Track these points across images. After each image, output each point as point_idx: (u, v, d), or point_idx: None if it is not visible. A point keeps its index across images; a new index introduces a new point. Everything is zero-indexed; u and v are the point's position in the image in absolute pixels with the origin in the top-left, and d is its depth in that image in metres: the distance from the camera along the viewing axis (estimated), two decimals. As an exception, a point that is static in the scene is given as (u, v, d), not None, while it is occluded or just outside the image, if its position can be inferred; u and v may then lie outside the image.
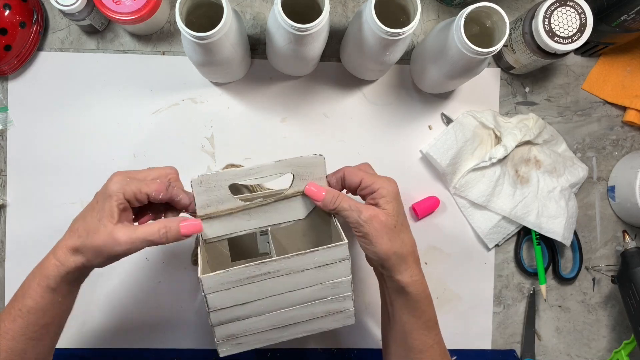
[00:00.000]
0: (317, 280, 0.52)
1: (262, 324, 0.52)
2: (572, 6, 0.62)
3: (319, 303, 0.53)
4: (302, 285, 0.52)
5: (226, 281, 0.50)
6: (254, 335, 0.53)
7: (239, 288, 0.50)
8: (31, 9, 0.66)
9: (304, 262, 0.51)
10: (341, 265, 0.52)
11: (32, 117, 0.69)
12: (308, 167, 0.55)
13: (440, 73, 0.63)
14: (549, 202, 0.71)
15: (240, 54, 0.62)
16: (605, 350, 0.76)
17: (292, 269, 0.51)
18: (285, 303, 0.52)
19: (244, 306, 0.51)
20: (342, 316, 0.54)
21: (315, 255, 0.51)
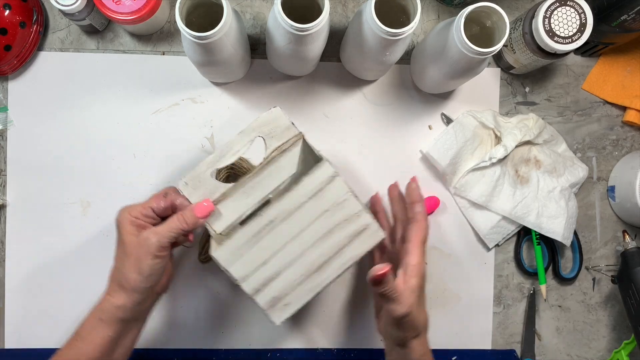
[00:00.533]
0: (320, 208, 0.50)
1: (296, 274, 0.51)
2: (572, 6, 0.62)
3: (337, 230, 0.51)
4: (309, 220, 0.50)
5: (236, 247, 0.50)
6: (295, 291, 0.52)
7: (252, 249, 0.50)
8: (31, 9, 0.66)
9: (296, 199, 0.50)
10: (333, 184, 0.50)
11: (32, 117, 0.69)
12: (271, 123, 0.54)
13: (440, 73, 0.63)
14: (549, 202, 0.71)
15: (240, 54, 0.62)
16: (605, 350, 0.76)
17: (289, 210, 0.50)
18: (304, 244, 0.51)
19: (268, 264, 0.51)
20: (368, 234, 0.52)
21: (302, 186, 0.50)
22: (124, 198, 0.70)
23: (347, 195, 0.51)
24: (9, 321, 0.69)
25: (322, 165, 0.50)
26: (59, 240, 0.69)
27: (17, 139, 0.69)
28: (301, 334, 0.72)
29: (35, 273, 0.69)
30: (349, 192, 0.51)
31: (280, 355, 0.72)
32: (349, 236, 0.52)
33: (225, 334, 0.71)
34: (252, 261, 0.50)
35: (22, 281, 0.69)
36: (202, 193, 0.54)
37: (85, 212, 0.70)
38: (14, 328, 0.69)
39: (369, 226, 0.52)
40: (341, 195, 0.51)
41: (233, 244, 0.50)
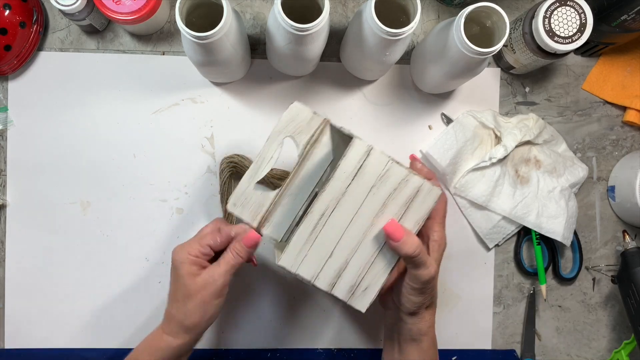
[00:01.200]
0: (366, 186, 0.49)
1: (364, 257, 0.51)
2: (572, 6, 0.62)
3: (390, 202, 0.50)
4: (359, 201, 0.50)
5: (298, 249, 0.49)
6: (370, 273, 0.51)
7: (314, 246, 0.50)
8: (31, 9, 0.66)
9: (339, 184, 0.49)
10: (371, 158, 0.49)
11: (32, 117, 0.69)
12: (294, 120, 0.54)
13: (440, 73, 0.63)
14: (549, 202, 0.71)
15: (240, 54, 0.62)
16: (605, 350, 0.76)
17: (336, 197, 0.49)
18: (363, 226, 0.50)
19: (334, 255, 0.50)
20: (423, 195, 0.51)
21: (341, 170, 0.49)
22: (124, 198, 0.70)
23: (389, 165, 0.49)
24: (9, 321, 0.69)
25: (354, 143, 0.48)
26: (59, 240, 0.69)
27: (17, 139, 0.69)
28: (301, 334, 0.72)
29: (35, 273, 0.69)
30: (389, 160, 0.49)
31: (280, 355, 0.72)
32: (405, 203, 0.50)
33: (225, 334, 0.71)
34: (318, 257, 0.50)
35: (22, 281, 0.69)
36: (252, 209, 0.54)
37: (85, 212, 0.70)
38: (14, 328, 0.69)
39: (422, 187, 0.50)
40: (382, 166, 0.49)
41: (294, 246, 0.49)
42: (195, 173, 0.70)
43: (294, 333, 0.72)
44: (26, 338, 0.69)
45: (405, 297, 0.53)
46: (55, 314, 0.70)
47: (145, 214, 0.70)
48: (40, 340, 0.70)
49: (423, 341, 0.55)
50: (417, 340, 0.56)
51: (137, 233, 0.70)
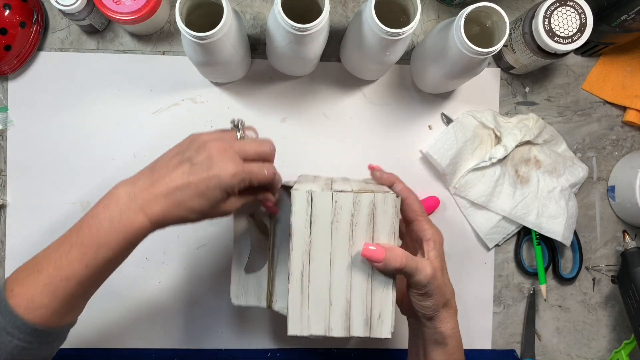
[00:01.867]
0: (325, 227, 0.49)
1: (361, 288, 0.50)
2: (572, 6, 0.62)
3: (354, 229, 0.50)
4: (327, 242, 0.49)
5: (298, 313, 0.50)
6: (375, 300, 0.50)
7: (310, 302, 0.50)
8: (31, 9, 0.66)
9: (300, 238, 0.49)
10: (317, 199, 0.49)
11: (32, 117, 0.69)
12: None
13: (440, 73, 0.63)
14: (549, 202, 0.71)
15: (240, 54, 0.62)
16: (605, 350, 0.76)
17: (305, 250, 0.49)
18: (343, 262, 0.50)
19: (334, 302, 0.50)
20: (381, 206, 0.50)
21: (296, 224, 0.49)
22: (124, 198, 0.70)
23: (335, 197, 0.49)
24: (9, 321, 0.69)
25: (294, 195, 0.49)
26: (59, 240, 0.69)
27: (17, 139, 0.69)
28: (301, 334, 0.72)
29: (35, 273, 0.69)
30: (333, 193, 0.49)
31: (280, 355, 0.72)
32: (368, 223, 0.50)
33: (225, 334, 0.71)
34: (320, 311, 0.50)
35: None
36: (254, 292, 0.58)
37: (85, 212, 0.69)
38: (14, 328, 0.69)
39: (375, 200, 0.50)
40: (329, 201, 0.49)
41: (293, 312, 0.49)
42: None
43: (294, 333, 0.72)
44: (26, 338, 0.69)
45: (415, 305, 0.52)
46: (55, 314, 0.70)
47: (145, 214, 0.70)
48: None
49: (448, 344, 0.54)
50: (442, 343, 0.54)
51: (137, 233, 0.70)
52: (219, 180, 0.47)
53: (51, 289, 0.48)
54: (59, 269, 0.48)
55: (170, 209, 0.48)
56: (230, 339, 0.71)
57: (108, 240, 0.48)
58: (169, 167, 0.50)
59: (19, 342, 0.48)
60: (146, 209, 0.48)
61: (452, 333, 0.54)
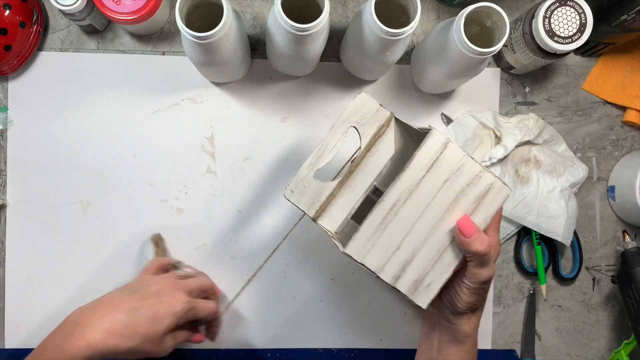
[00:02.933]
0: (439, 179, 0.48)
1: (431, 252, 0.50)
2: (572, 6, 0.62)
3: (461, 197, 0.49)
4: (431, 194, 0.49)
5: (366, 238, 0.48)
6: (434, 269, 0.50)
7: (382, 237, 0.49)
8: (31, 9, 0.66)
9: (413, 175, 0.48)
10: (447, 151, 0.48)
11: (32, 117, 0.69)
12: (360, 110, 0.53)
13: (440, 73, 0.63)
14: (549, 202, 0.71)
15: (240, 54, 0.62)
16: (605, 350, 0.76)
17: (409, 188, 0.48)
18: (432, 219, 0.49)
19: (401, 248, 0.49)
20: (493, 193, 0.49)
21: (416, 161, 0.48)
22: (124, 198, 0.70)
23: (465, 159, 0.48)
24: (9, 321, 0.69)
25: (432, 134, 0.48)
26: (59, 240, 0.69)
27: (17, 139, 0.69)
28: (301, 334, 0.72)
29: (35, 273, 0.69)
30: (465, 155, 0.48)
31: (280, 355, 0.72)
32: (475, 200, 0.49)
33: (225, 334, 0.71)
34: (385, 249, 0.49)
35: (22, 281, 0.69)
36: (310, 197, 0.53)
37: (85, 212, 0.70)
38: (14, 328, 0.69)
39: (493, 184, 0.49)
40: (458, 160, 0.48)
41: (362, 235, 0.49)
42: (195, 173, 0.70)
43: (294, 333, 0.72)
44: (26, 338, 0.69)
45: (458, 296, 0.52)
46: (55, 314, 0.70)
47: (145, 214, 0.70)
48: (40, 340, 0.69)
49: (466, 343, 0.54)
50: (461, 341, 0.54)
51: (137, 233, 0.70)
52: (171, 306, 0.52)
53: None
54: None
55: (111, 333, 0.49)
56: (231, 339, 0.71)
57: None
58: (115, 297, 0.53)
59: None
60: (87, 334, 0.49)
61: (472, 333, 0.54)
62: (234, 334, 0.72)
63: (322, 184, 0.54)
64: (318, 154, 0.53)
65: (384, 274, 0.50)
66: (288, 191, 0.53)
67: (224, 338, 0.71)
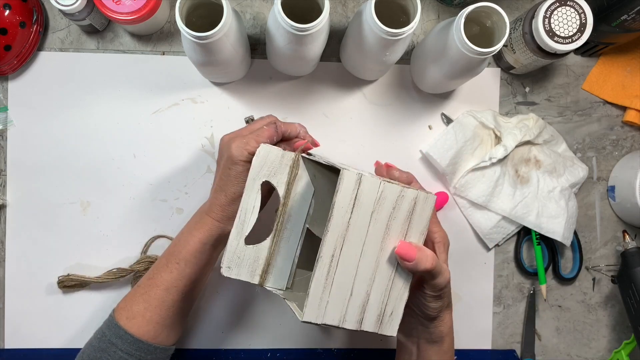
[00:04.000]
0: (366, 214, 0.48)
1: (382, 283, 0.49)
2: (572, 6, 0.62)
3: (392, 221, 0.48)
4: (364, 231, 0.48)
5: (318, 300, 0.48)
6: (391, 297, 0.50)
7: (332, 290, 0.48)
8: (31, 9, 0.66)
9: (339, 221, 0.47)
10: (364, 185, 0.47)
11: (32, 117, 0.69)
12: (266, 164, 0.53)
13: (440, 73, 0.63)
14: (549, 202, 0.71)
15: (240, 54, 0.62)
16: (605, 350, 0.76)
17: (341, 234, 0.47)
18: (373, 253, 0.48)
19: (354, 293, 0.48)
20: (421, 204, 0.49)
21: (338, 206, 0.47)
22: (124, 198, 0.70)
23: (382, 186, 0.48)
24: (9, 321, 0.69)
25: (343, 175, 0.47)
26: (59, 240, 0.69)
27: (17, 139, 0.69)
28: (301, 334, 0.72)
29: (35, 273, 0.69)
30: (381, 182, 0.48)
31: (280, 355, 0.72)
32: (406, 219, 0.49)
33: (225, 334, 0.71)
34: (339, 301, 0.48)
35: (22, 281, 0.69)
36: (249, 266, 0.53)
37: (85, 212, 0.70)
38: (14, 328, 0.69)
39: (418, 198, 0.49)
40: (376, 189, 0.48)
41: (313, 298, 0.48)
42: (195, 173, 0.70)
43: (293, 333, 0.72)
44: (26, 338, 0.69)
45: (425, 305, 0.53)
46: (55, 314, 0.70)
47: (145, 214, 0.70)
48: (40, 340, 0.70)
49: (444, 342, 0.55)
50: (438, 342, 0.55)
51: (137, 233, 0.70)
52: (230, 159, 0.54)
53: (145, 297, 0.56)
54: (151, 279, 0.57)
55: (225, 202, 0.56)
56: (230, 339, 0.71)
57: (185, 244, 0.56)
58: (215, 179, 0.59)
59: (122, 353, 0.55)
60: (210, 213, 0.57)
61: (449, 332, 0.55)
62: (234, 334, 0.72)
63: (255, 248, 0.53)
64: (241, 221, 0.53)
65: (347, 323, 0.49)
66: (225, 268, 0.53)
67: (224, 338, 0.71)
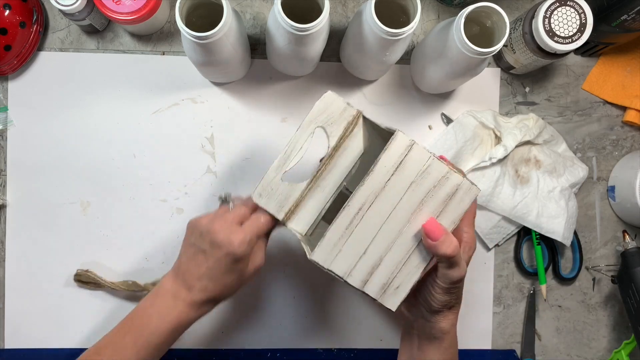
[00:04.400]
0: (405, 181, 0.48)
1: (399, 255, 0.49)
2: (572, 6, 0.62)
3: (428, 199, 0.48)
4: (398, 196, 0.48)
5: (332, 244, 0.48)
6: (402, 271, 0.49)
7: (349, 241, 0.48)
8: (31, 9, 0.66)
9: (378, 178, 0.47)
10: (413, 153, 0.47)
11: (32, 117, 0.69)
12: (327, 110, 0.52)
13: (440, 73, 0.63)
14: (549, 202, 0.71)
15: (240, 54, 0.62)
16: (605, 350, 0.76)
17: (375, 191, 0.47)
18: (399, 222, 0.48)
19: (368, 252, 0.48)
20: (461, 193, 0.49)
21: (381, 164, 0.47)
22: (124, 198, 0.70)
23: (430, 160, 0.47)
24: (9, 321, 0.69)
25: (396, 136, 0.47)
26: (59, 240, 0.69)
27: (17, 139, 0.69)
28: (301, 334, 0.72)
29: (35, 273, 0.69)
30: (431, 156, 0.48)
31: (280, 355, 0.72)
32: (443, 201, 0.48)
33: (225, 334, 0.71)
34: (352, 254, 0.48)
35: (22, 281, 0.69)
36: (278, 201, 0.53)
37: (85, 212, 0.70)
38: (14, 328, 0.69)
39: (461, 185, 0.48)
40: (424, 161, 0.47)
41: (328, 241, 0.48)
42: (195, 173, 0.70)
43: (294, 333, 0.72)
44: (26, 338, 0.69)
45: (432, 296, 0.52)
46: (55, 314, 0.70)
47: (145, 214, 0.70)
48: (40, 340, 0.70)
49: (444, 340, 0.54)
50: (439, 338, 0.55)
51: (137, 233, 0.70)
52: (233, 255, 0.52)
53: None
54: (115, 352, 0.55)
55: (209, 295, 0.54)
56: (231, 339, 0.72)
57: (157, 330, 0.55)
58: (189, 262, 0.55)
59: None
60: (189, 302, 0.55)
61: (450, 329, 0.54)
62: (234, 334, 0.72)
63: (290, 186, 0.53)
64: (285, 155, 0.52)
65: (352, 278, 0.49)
66: (256, 194, 0.52)
67: (224, 338, 0.71)
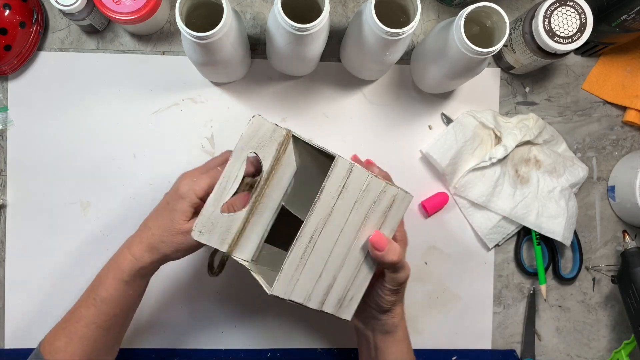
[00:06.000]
0: (349, 202, 0.50)
1: (350, 270, 0.52)
2: (572, 6, 0.62)
3: (370, 214, 0.51)
4: (344, 218, 0.50)
5: (289, 275, 0.49)
6: (354, 283, 0.52)
7: (304, 270, 0.50)
8: (31, 9, 0.66)
9: (325, 204, 0.49)
10: (353, 175, 0.49)
11: (32, 117, 0.69)
12: (256, 135, 0.53)
13: (440, 73, 0.63)
14: (549, 202, 0.71)
15: (240, 54, 0.62)
16: (605, 350, 0.76)
17: (324, 218, 0.49)
18: (347, 241, 0.51)
19: (323, 275, 0.51)
20: (399, 202, 0.52)
21: (327, 191, 0.49)
22: (124, 198, 0.70)
23: (369, 179, 0.50)
24: (9, 321, 0.69)
25: (337, 162, 0.49)
26: (59, 240, 0.69)
27: (17, 139, 0.69)
28: (301, 334, 0.72)
29: (35, 273, 0.69)
30: (369, 175, 0.50)
31: (280, 355, 0.72)
32: (383, 213, 0.52)
33: (225, 334, 0.71)
34: (309, 280, 0.50)
35: (22, 281, 0.69)
36: (221, 234, 0.53)
37: (85, 212, 0.70)
38: (14, 328, 0.69)
39: (397, 195, 0.52)
40: (364, 180, 0.50)
41: (286, 274, 0.49)
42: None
43: (293, 333, 0.72)
44: (26, 338, 0.69)
45: (381, 298, 0.56)
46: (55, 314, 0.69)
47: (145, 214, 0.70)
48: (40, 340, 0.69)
49: (397, 332, 0.58)
50: (392, 332, 0.58)
51: (137, 233, 0.70)
52: (176, 193, 0.55)
53: (67, 332, 0.56)
54: (72, 313, 0.57)
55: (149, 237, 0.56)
56: (230, 339, 0.72)
57: (103, 280, 0.56)
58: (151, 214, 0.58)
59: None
60: (130, 246, 0.56)
61: (400, 322, 0.58)
62: (234, 334, 0.72)
63: (230, 217, 0.53)
64: (221, 187, 0.52)
65: (311, 302, 0.51)
66: (196, 232, 0.53)
67: (224, 338, 0.71)
